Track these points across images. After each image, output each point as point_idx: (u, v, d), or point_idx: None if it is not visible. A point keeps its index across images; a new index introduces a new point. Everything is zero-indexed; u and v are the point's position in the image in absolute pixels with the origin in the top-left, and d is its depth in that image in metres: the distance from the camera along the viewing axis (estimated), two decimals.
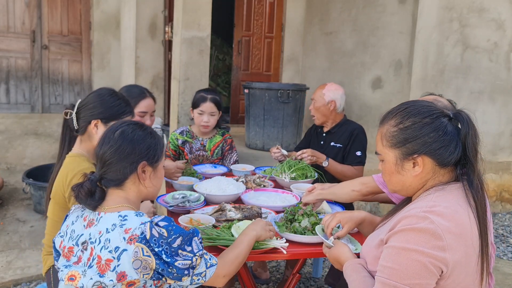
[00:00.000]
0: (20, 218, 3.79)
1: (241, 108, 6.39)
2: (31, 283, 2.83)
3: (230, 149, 3.06)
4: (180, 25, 3.82)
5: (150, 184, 1.41)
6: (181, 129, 3.03)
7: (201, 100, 2.89)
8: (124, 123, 1.42)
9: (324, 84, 3.00)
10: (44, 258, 1.87)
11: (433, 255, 1.11)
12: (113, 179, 1.35)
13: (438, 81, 4.41)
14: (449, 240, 1.13)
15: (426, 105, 1.27)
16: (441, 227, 1.13)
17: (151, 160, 1.39)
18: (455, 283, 1.16)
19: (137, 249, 1.20)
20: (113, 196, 1.36)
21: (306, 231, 1.73)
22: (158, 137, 1.44)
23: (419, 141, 1.23)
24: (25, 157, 5.18)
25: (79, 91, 6.53)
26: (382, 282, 1.17)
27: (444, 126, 1.22)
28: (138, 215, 1.28)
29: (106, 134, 1.39)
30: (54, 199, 1.78)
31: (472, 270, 1.18)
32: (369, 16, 5.07)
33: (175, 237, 1.24)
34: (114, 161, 1.34)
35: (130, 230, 1.22)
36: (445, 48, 4.37)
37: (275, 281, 3.02)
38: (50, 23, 6.24)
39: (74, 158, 1.80)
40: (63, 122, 1.92)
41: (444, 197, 1.21)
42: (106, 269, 1.22)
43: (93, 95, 1.86)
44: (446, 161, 1.23)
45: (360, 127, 2.93)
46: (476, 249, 1.19)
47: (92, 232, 1.28)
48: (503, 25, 4.49)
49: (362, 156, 2.82)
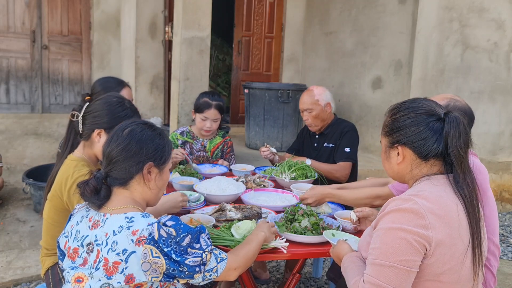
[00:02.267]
0: (20, 218, 3.79)
1: (241, 108, 6.39)
2: (31, 283, 2.83)
3: (231, 151, 3.09)
4: (180, 25, 3.82)
5: (155, 186, 1.39)
6: (181, 129, 3.02)
7: (205, 106, 2.85)
8: (134, 122, 1.41)
9: (308, 90, 2.91)
10: (42, 259, 1.85)
11: (416, 232, 1.19)
12: (118, 178, 1.34)
13: (438, 81, 4.41)
14: (431, 219, 1.21)
15: (421, 103, 1.37)
16: (424, 207, 1.22)
17: (158, 161, 1.38)
18: (439, 262, 1.22)
19: (146, 251, 1.19)
20: (119, 196, 1.34)
21: (306, 231, 1.73)
22: (167, 138, 1.43)
23: (401, 132, 1.35)
24: (25, 157, 5.18)
25: (79, 91, 6.53)
26: (371, 263, 1.24)
27: (426, 123, 1.32)
28: (144, 216, 1.26)
29: (115, 132, 1.38)
30: (51, 201, 1.76)
31: (458, 253, 1.23)
32: (369, 16, 5.07)
33: (184, 235, 1.23)
34: (120, 159, 1.33)
35: (137, 232, 1.21)
36: (445, 48, 4.37)
37: (275, 281, 3.02)
38: (50, 23, 6.25)
39: (75, 162, 1.77)
40: (69, 122, 1.90)
41: (430, 185, 1.30)
42: (114, 271, 1.21)
43: (101, 102, 1.80)
44: (424, 154, 1.33)
45: (351, 125, 2.90)
46: (464, 237, 1.25)
47: (98, 233, 1.27)
48: (503, 25, 4.49)
49: (350, 153, 2.76)
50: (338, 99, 5.53)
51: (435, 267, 1.22)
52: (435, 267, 1.22)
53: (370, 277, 1.22)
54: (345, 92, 5.47)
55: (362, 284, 1.24)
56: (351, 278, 1.33)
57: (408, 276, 1.20)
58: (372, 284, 1.21)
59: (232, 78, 6.52)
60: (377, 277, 1.21)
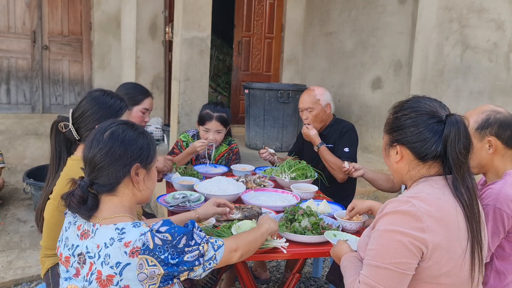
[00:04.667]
0: (21, 218, 3.80)
1: (241, 108, 6.40)
2: (31, 283, 2.84)
3: (236, 159, 3.05)
4: (180, 26, 3.83)
5: (144, 187, 1.34)
6: (193, 132, 3.02)
7: (207, 118, 2.79)
8: (113, 123, 1.34)
9: (309, 89, 2.91)
10: (42, 260, 1.85)
11: (413, 235, 1.19)
12: (105, 184, 1.27)
13: (438, 82, 4.41)
14: (428, 222, 1.20)
15: (424, 103, 1.35)
16: (421, 210, 1.21)
17: (145, 161, 1.32)
18: (438, 265, 1.21)
19: (141, 261, 1.17)
20: (108, 205, 1.28)
21: (306, 231, 1.73)
22: (150, 136, 1.38)
23: (401, 132, 1.34)
24: (25, 157, 5.18)
25: (79, 91, 6.54)
26: (367, 264, 1.25)
27: (427, 124, 1.30)
28: (135, 226, 1.21)
29: (94, 136, 1.30)
30: (56, 201, 1.75)
31: (456, 255, 1.23)
32: (369, 16, 5.08)
33: (180, 237, 1.21)
34: (105, 164, 1.26)
35: (130, 243, 1.17)
36: (445, 48, 4.38)
37: (275, 281, 3.02)
38: (51, 24, 6.25)
39: (79, 162, 1.77)
40: (54, 136, 1.83)
41: (429, 187, 1.29)
42: (108, 284, 1.18)
43: (87, 101, 1.79)
44: (422, 155, 1.31)
45: (350, 124, 2.89)
46: (462, 240, 1.24)
47: (88, 245, 1.23)
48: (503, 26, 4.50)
49: (350, 152, 2.75)
50: (338, 99, 5.54)
51: (433, 269, 1.22)
52: (433, 269, 1.22)
53: (366, 278, 1.24)
54: (345, 92, 5.48)
55: (357, 284, 1.25)
56: (348, 278, 1.35)
57: (403, 278, 1.20)
58: (366, 284, 1.23)
59: (232, 78, 6.53)
60: (372, 278, 1.22)
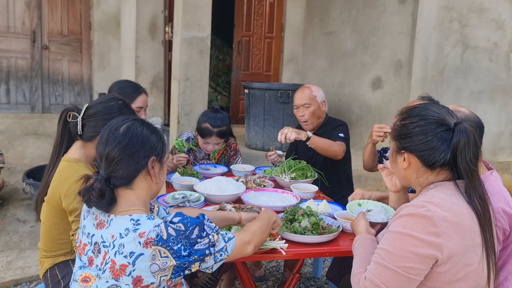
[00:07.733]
0: (20, 218, 3.79)
1: (241, 108, 6.40)
2: (31, 283, 2.83)
3: (235, 154, 3.04)
4: (180, 25, 3.83)
5: (159, 180, 1.40)
6: (187, 135, 2.96)
7: (206, 133, 2.72)
8: (126, 119, 1.38)
9: (304, 87, 2.92)
10: (41, 261, 1.84)
11: (426, 240, 1.18)
12: (123, 177, 1.32)
13: (438, 81, 4.41)
14: (443, 227, 1.19)
15: (432, 111, 1.33)
16: (437, 215, 1.20)
17: (159, 155, 1.38)
18: (454, 270, 1.21)
19: (154, 252, 1.20)
20: (124, 199, 1.32)
21: (306, 231, 1.73)
22: (160, 132, 1.44)
23: (408, 140, 1.34)
24: (25, 157, 5.17)
25: (79, 91, 6.54)
26: (376, 262, 1.25)
27: (435, 133, 1.29)
28: (150, 218, 1.26)
29: (109, 132, 1.34)
30: (49, 204, 1.74)
31: (472, 260, 1.22)
32: (369, 16, 5.07)
33: (192, 228, 1.25)
34: (123, 157, 1.30)
35: (144, 234, 1.21)
36: (445, 48, 4.37)
37: (275, 281, 3.02)
38: (50, 23, 6.25)
39: (71, 164, 1.74)
40: (62, 123, 1.83)
41: (442, 192, 1.28)
42: (121, 273, 1.21)
43: (106, 105, 1.78)
44: (431, 163, 1.31)
45: (343, 121, 2.93)
46: (477, 245, 1.23)
47: (104, 234, 1.27)
48: (503, 25, 4.49)
49: (344, 138, 2.75)
50: (338, 99, 5.54)
51: (450, 274, 1.21)
52: (449, 274, 1.21)
53: (372, 276, 1.24)
54: (345, 92, 5.48)
55: (363, 279, 1.26)
56: (355, 267, 1.35)
57: (410, 283, 1.20)
58: (372, 282, 1.23)
59: (232, 78, 6.52)
60: (378, 277, 1.22)
